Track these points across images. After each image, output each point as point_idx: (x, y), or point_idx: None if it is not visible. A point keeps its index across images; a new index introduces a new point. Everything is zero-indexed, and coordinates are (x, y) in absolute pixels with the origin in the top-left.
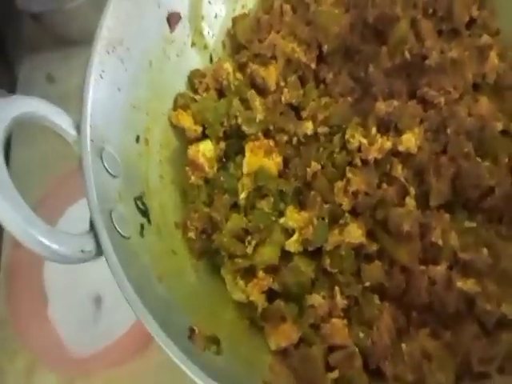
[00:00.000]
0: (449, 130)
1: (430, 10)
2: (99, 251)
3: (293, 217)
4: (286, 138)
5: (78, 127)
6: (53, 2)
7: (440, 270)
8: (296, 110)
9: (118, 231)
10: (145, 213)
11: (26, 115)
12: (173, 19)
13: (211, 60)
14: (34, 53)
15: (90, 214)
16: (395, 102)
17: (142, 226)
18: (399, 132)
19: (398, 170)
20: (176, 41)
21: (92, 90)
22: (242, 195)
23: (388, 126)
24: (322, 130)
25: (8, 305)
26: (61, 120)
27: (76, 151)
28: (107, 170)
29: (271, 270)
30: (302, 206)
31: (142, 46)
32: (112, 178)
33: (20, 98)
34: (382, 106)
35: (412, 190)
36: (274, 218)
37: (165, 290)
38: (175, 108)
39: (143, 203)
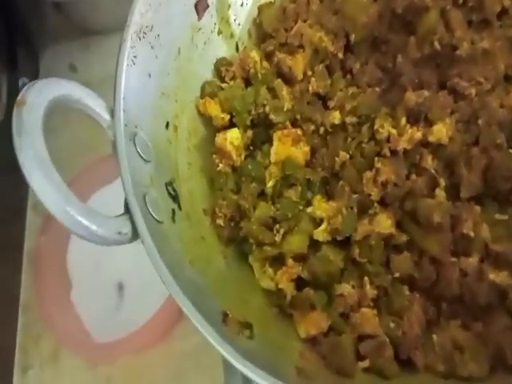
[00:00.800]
0: (480, 121)
1: (461, 0)
2: (135, 234)
3: (321, 206)
4: (313, 127)
5: (112, 112)
6: None
7: (472, 261)
8: (323, 99)
9: (152, 215)
10: (175, 198)
11: (62, 98)
12: (200, 7)
13: (237, 49)
14: (57, 42)
15: (125, 196)
16: (425, 93)
17: (174, 212)
18: (429, 123)
19: (428, 161)
20: (203, 29)
21: (124, 75)
22: (270, 184)
23: (418, 117)
24: (350, 119)
25: (32, 290)
26: (95, 104)
27: (109, 135)
28: (140, 155)
29: (300, 258)
30: (329, 195)
31: (171, 33)
32: (144, 163)
33: (55, 80)
34: (411, 97)
35: (442, 182)
36: (301, 207)
37: (196, 274)
38: (202, 96)
39: (174, 189)
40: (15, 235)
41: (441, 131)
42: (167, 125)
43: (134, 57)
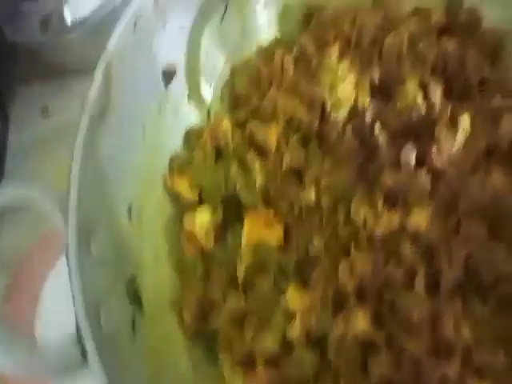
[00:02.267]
0: (460, 207)
1: (440, 69)
2: (86, 360)
3: (294, 298)
4: (287, 204)
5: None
6: (50, 36)
7: (453, 367)
8: (298, 173)
9: (105, 332)
10: (136, 299)
11: (11, 206)
12: (168, 74)
13: (209, 115)
14: (27, 86)
15: (75, 317)
16: (403, 174)
17: (134, 319)
18: (407, 207)
19: (407, 249)
20: (172, 97)
21: (80, 168)
22: (240, 269)
23: (395, 200)
24: (326, 201)
25: None
26: (46, 203)
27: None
28: (96, 257)
29: (272, 363)
30: (304, 283)
31: (136, 108)
32: (101, 266)
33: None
34: (388, 178)
35: (421, 271)
36: (273, 299)
37: None
38: (170, 171)
39: (135, 288)
40: None
41: (419, 219)
42: (129, 209)
43: (92, 144)
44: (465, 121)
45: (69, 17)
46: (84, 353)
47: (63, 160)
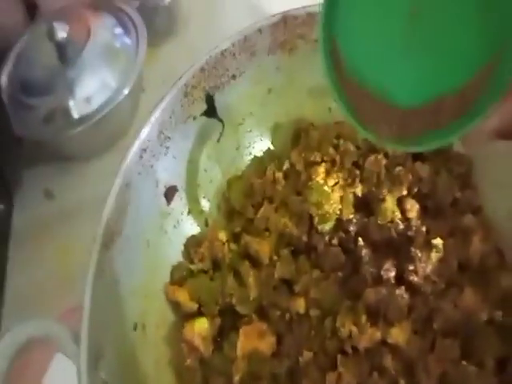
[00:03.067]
0: (435, 325)
1: (415, 190)
2: None
3: None
4: (278, 313)
5: (77, 338)
6: (53, 131)
7: None
8: (288, 283)
9: None
10: None
11: (28, 341)
12: (170, 193)
13: (206, 223)
14: (31, 169)
15: None
16: (383, 291)
17: None
18: (388, 322)
19: (388, 361)
20: (173, 213)
21: (90, 297)
22: (236, 378)
23: (377, 314)
24: (314, 312)
25: None
26: (61, 336)
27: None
28: (104, 381)
29: None
30: None
31: (141, 229)
32: None
33: (19, 328)
34: (371, 294)
35: (402, 383)
36: None
37: None
38: (172, 281)
39: None
40: None
41: (398, 335)
42: (135, 326)
43: (100, 274)
44: (438, 243)
45: (75, 112)
46: None
47: (65, 241)
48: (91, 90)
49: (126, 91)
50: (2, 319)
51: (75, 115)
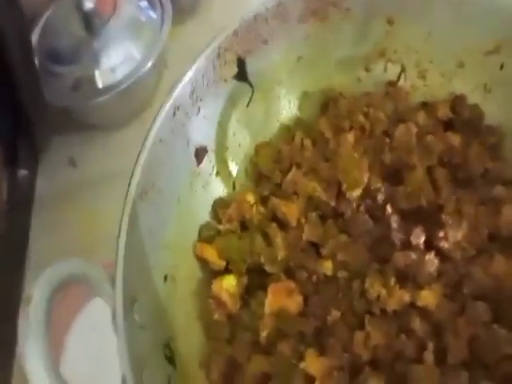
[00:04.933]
0: (465, 290)
1: (446, 159)
2: None
3: (313, 363)
4: (306, 274)
5: (113, 280)
6: (81, 98)
7: None
8: (316, 246)
9: None
10: (171, 360)
11: (66, 279)
12: (200, 154)
13: (234, 187)
14: (57, 136)
15: (122, 378)
16: (413, 255)
17: (170, 377)
18: (418, 285)
19: (417, 324)
20: (202, 173)
21: (125, 243)
22: (263, 334)
23: (406, 277)
24: (342, 274)
25: None
26: (98, 277)
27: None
28: (139, 324)
29: None
30: (321, 349)
31: (172, 184)
32: (143, 331)
33: (60, 265)
34: (400, 258)
35: (430, 346)
36: (294, 362)
37: None
38: (200, 239)
39: (170, 350)
40: (5, 338)
41: (428, 298)
42: (165, 278)
43: (135, 219)
44: (469, 212)
45: (100, 81)
46: None
47: (88, 208)
48: (116, 60)
49: (149, 64)
50: (25, 283)
51: (100, 84)
